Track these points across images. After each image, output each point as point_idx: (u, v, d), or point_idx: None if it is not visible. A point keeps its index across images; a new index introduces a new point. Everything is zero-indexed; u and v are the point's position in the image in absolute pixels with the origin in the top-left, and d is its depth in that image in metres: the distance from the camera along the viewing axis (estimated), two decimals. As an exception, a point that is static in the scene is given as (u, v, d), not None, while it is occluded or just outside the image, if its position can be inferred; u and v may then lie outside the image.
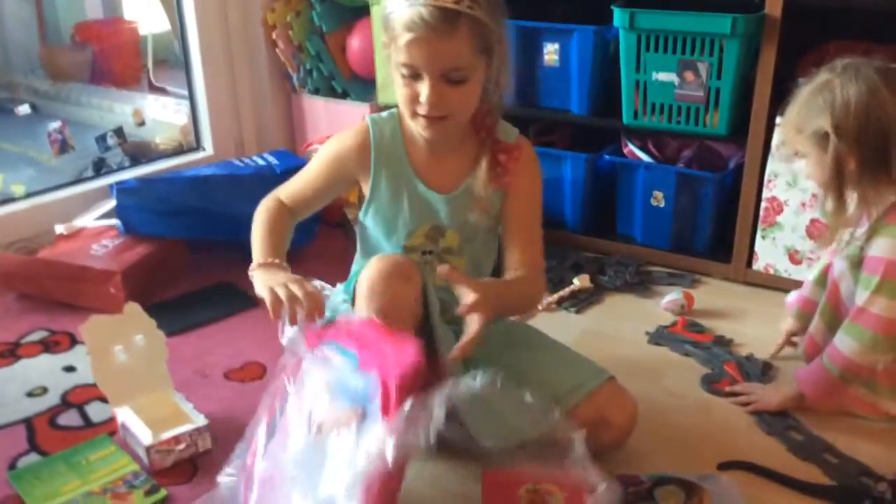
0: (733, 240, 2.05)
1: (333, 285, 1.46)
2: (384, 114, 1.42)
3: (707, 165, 2.11)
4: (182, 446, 1.39)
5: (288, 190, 1.44)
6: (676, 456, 1.42)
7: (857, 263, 1.42)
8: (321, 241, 2.21)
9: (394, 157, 1.39)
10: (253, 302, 1.92)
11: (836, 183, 1.37)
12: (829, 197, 1.40)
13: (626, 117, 2.10)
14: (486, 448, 1.32)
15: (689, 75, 1.96)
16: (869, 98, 1.31)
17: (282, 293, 1.19)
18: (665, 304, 1.93)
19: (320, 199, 1.45)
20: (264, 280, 1.24)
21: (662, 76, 1.99)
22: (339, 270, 1.54)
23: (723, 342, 1.78)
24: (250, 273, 1.30)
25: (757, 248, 2.00)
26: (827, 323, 1.52)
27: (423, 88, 1.25)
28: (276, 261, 1.31)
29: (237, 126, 2.60)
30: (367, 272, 1.26)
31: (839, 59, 1.38)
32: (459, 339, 1.39)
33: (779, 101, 1.56)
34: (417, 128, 1.32)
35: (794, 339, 1.70)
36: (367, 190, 1.41)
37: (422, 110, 1.27)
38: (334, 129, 2.41)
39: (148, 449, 1.37)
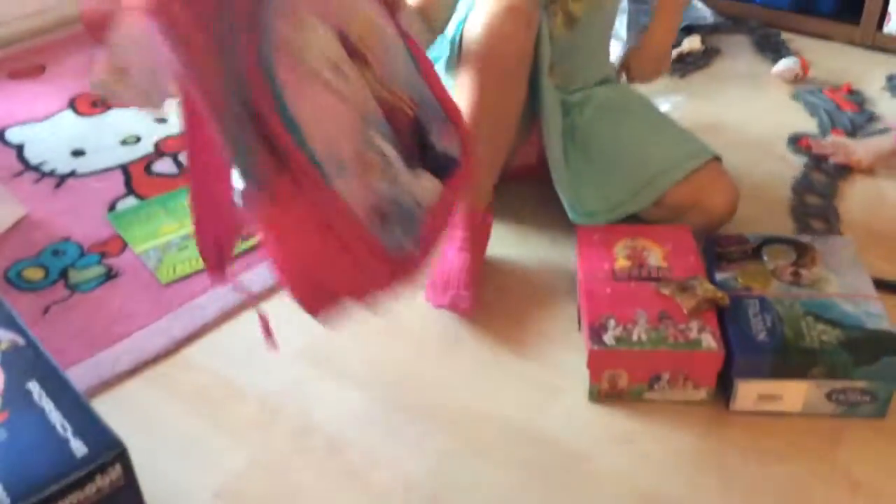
0: (864, -2, 1.84)
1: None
2: None
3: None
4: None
5: None
6: (784, 225, 1.35)
7: None
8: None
9: None
10: None
11: None
12: None
13: None
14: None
15: None
16: None
17: None
18: (777, 70, 1.78)
19: None
20: None
21: None
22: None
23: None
24: None
25: (891, 6, 1.81)
26: None
27: None
28: None
29: None
30: (483, 9, 1.15)
31: None
32: (564, 102, 1.29)
33: None
34: None
35: None
36: None
37: None
38: None
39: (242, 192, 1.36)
